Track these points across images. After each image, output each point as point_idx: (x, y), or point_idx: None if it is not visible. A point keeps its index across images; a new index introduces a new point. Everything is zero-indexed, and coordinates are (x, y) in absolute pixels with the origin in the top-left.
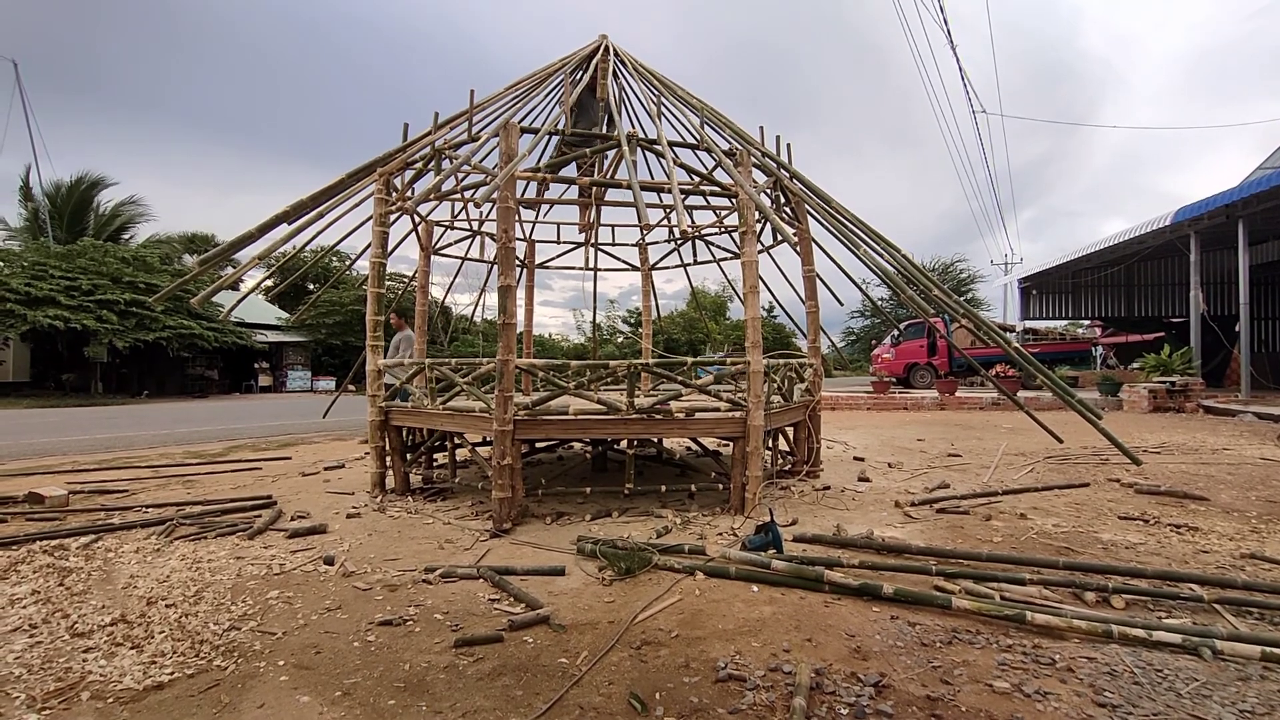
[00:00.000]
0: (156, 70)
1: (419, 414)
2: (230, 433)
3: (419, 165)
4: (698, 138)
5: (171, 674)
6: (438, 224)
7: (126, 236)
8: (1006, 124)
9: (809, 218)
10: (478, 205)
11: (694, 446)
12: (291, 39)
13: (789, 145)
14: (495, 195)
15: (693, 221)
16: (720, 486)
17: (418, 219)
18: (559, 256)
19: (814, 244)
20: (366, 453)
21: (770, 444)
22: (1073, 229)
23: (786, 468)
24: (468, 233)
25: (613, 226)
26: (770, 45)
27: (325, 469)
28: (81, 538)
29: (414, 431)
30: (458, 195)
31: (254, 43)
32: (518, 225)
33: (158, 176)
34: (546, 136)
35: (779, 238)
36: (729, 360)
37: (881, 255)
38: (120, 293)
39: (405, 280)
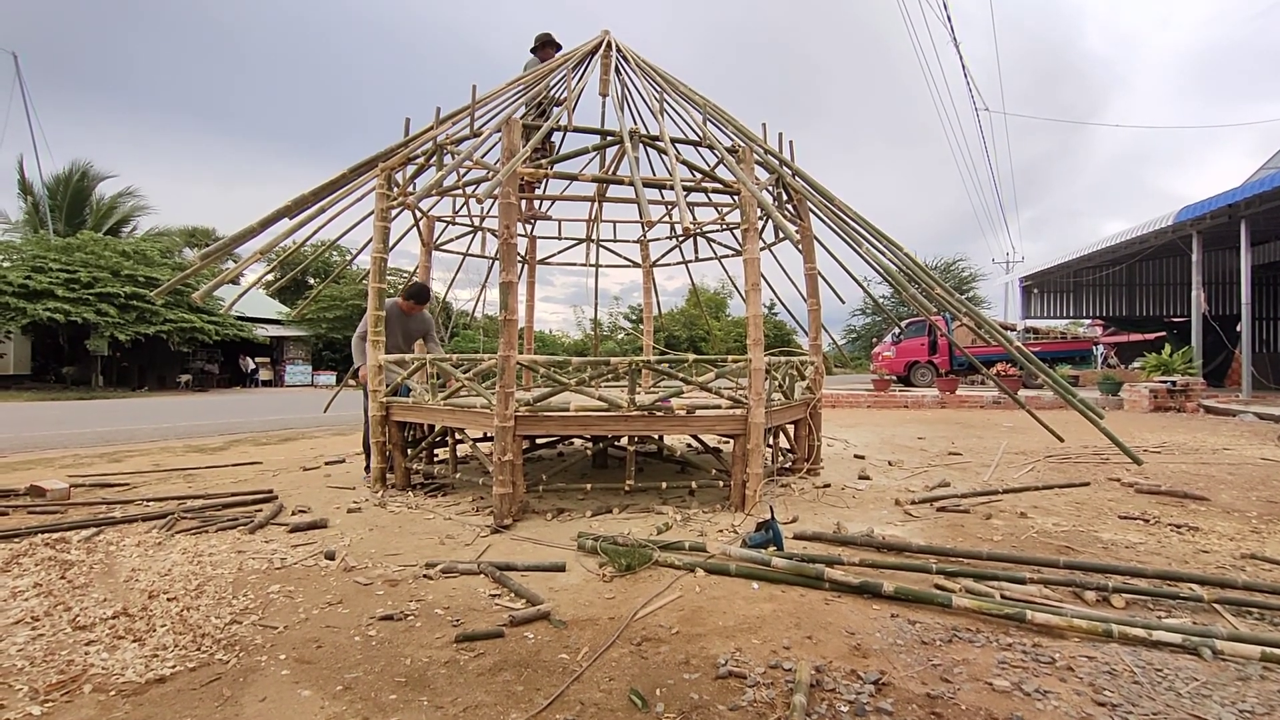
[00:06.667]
0: (161, 65)
1: (420, 409)
2: (230, 427)
3: (421, 160)
4: (700, 134)
5: (173, 667)
6: (439, 219)
7: (127, 230)
8: (1009, 122)
9: (811, 215)
10: (479, 201)
11: (694, 443)
12: (296, 35)
13: (791, 142)
14: (497, 191)
15: (694, 218)
16: (721, 484)
17: (419, 214)
18: (561, 252)
19: (816, 241)
20: None
21: (771, 441)
22: (1075, 228)
23: (787, 465)
24: (469, 228)
25: (614, 223)
26: (771, 40)
27: (326, 464)
28: (83, 531)
29: (415, 427)
30: (459, 191)
31: (258, 39)
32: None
33: (160, 170)
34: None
35: (781, 235)
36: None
37: (883, 253)
38: (120, 286)
39: (406, 275)
